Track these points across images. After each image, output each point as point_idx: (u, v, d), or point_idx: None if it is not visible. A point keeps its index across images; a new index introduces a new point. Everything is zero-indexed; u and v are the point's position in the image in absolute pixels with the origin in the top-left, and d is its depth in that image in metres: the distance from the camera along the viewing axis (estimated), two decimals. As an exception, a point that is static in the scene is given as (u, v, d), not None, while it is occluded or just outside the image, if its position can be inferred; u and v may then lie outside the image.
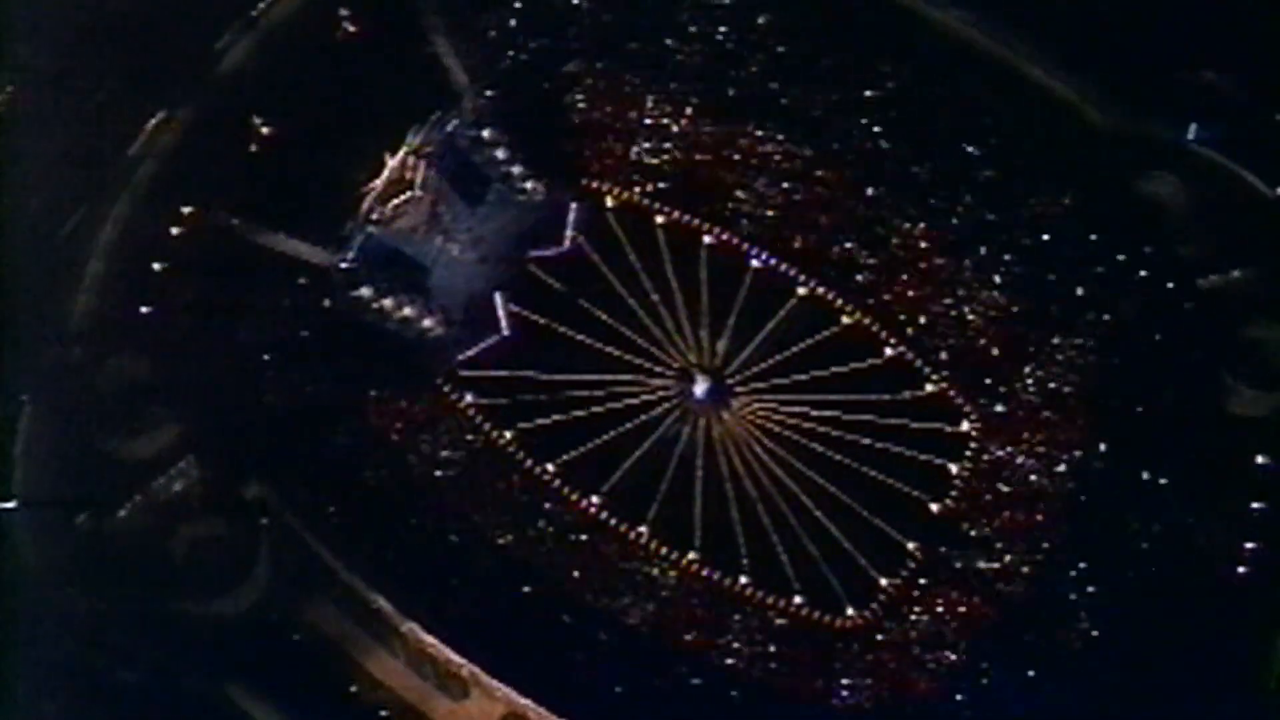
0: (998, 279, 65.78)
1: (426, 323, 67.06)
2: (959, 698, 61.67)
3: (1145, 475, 63.05)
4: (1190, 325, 63.89)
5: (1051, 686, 61.07)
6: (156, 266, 66.55)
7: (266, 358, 66.38)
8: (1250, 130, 64.94)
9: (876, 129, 67.27)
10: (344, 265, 66.21)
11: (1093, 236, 65.14)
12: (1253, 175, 64.35)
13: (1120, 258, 64.80)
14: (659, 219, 68.37)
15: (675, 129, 68.69)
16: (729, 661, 63.33)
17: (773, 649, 63.44)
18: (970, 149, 66.49)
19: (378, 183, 66.69)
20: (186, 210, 66.97)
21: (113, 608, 61.57)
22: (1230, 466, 62.49)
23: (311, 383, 66.38)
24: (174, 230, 66.90)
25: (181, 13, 68.62)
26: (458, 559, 64.70)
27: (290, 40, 69.42)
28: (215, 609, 62.02)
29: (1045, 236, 65.57)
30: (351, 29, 69.08)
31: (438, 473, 66.01)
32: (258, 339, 66.46)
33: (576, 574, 64.75)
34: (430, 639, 61.69)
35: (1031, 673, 61.31)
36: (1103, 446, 63.98)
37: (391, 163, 66.68)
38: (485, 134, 68.02)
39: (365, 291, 66.11)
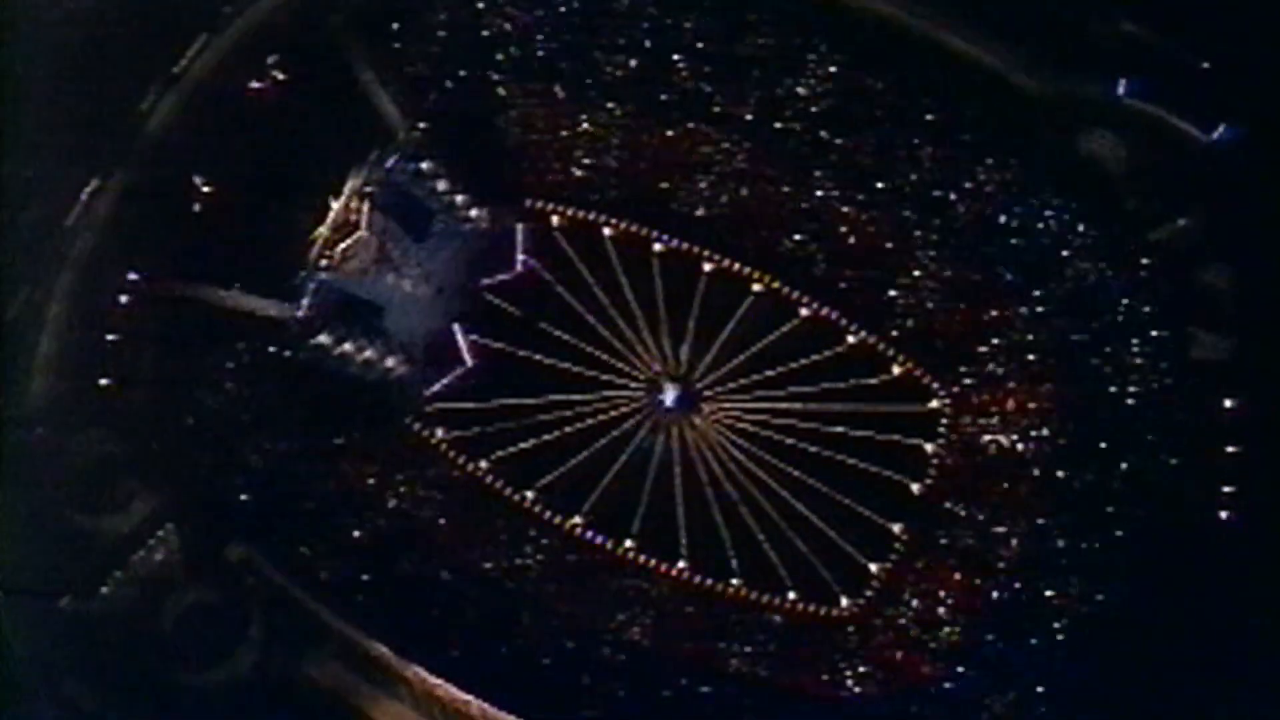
0: (951, 254, 65.91)
1: (389, 363, 66.61)
2: (962, 675, 62.45)
3: (1119, 431, 63.73)
4: (1146, 278, 64.36)
5: (1050, 651, 62.04)
6: (110, 338, 65.96)
7: (233, 417, 65.86)
8: (1178, 78, 65.25)
9: (813, 119, 66.93)
10: (300, 315, 65.63)
11: (1040, 201, 65.16)
12: (1186, 123, 64.81)
13: (1069, 219, 64.92)
14: (607, 231, 68.04)
15: (612, 140, 68.25)
16: (734, 666, 63.85)
17: (774, 648, 63.99)
18: (908, 129, 66.28)
19: (324, 228, 66.05)
20: (133, 277, 66.33)
21: (109, 688, 61.54)
22: (1200, 413, 63.25)
23: (281, 437, 65.71)
24: (122, 299, 66.22)
25: (102, 76, 67.58)
26: (452, 596, 64.56)
27: (218, 93, 68.31)
28: (213, 676, 61.87)
29: (993, 207, 65.57)
30: (280, 76, 68.16)
31: (419, 512, 65.78)
32: (222, 399, 65.94)
33: (571, 596, 64.90)
34: (436, 680, 61.77)
35: (1031, 640, 62.23)
36: (1074, 408, 64.45)
37: (335, 206, 66.12)
38: (424, 167, 67.36)
39: (324, 339, 65.68)
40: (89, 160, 67.42)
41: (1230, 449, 62.21)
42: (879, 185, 66.45)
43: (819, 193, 66.92)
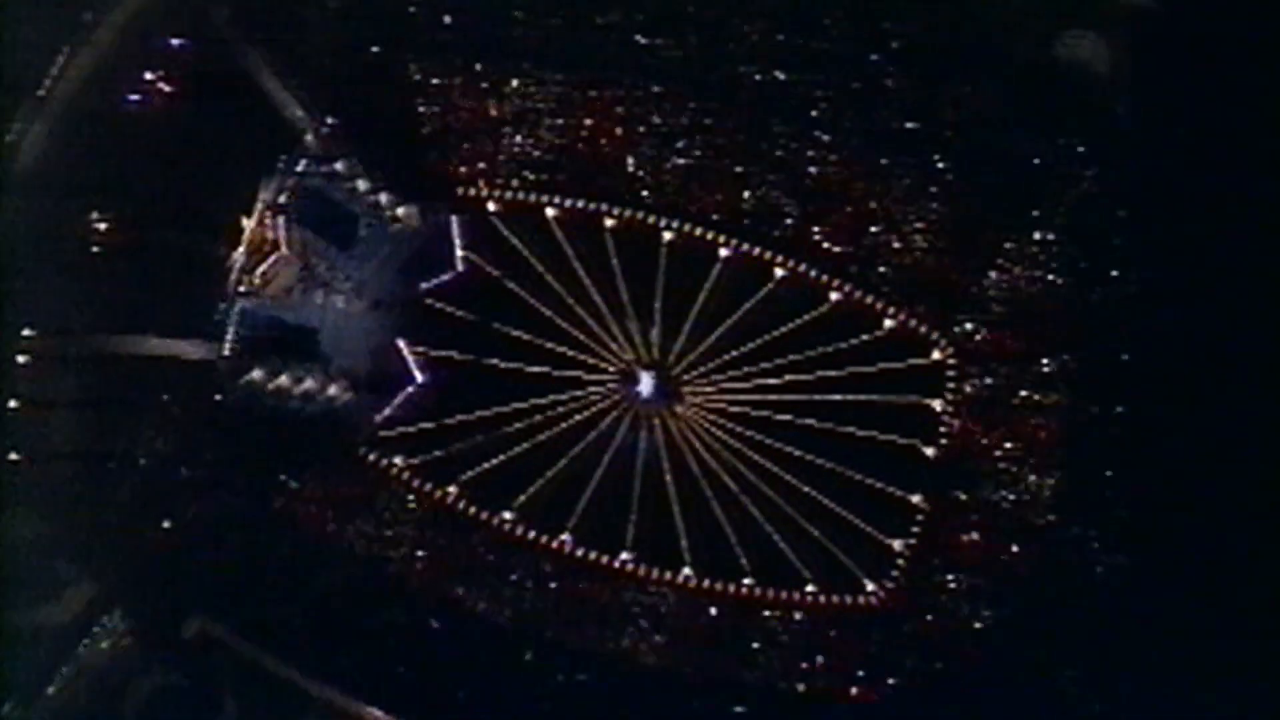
0: (933, 189, 60.47)
1: (331, 391, 60.85)
2: (1015, 653, 57.99)
3: (1142, 360, 58.94)
4: (1147, 190, 59.33)
5: (1108, 615, 57.51)
6: (13, 404, 59.56)
7: (168, 477, 60.04)
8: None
9: (763, 62, 61.32)
10: (226, 353, 59.82)
11: (1025, 119, 59.99)
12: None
13: (1060, 138, 59.64)
14: (550, 212, 62.41)
15: (545, 111, 62.38)
16: (762, 676, 59.34)
17: (801, 650, 59.39)
18: (869, 59, 60.71)
19: (239, 252, 60.12)
20: (29, 334, 59.90)
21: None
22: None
23: (225, 491, 60.19)
24: (20, 360, 59.86)
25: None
26: (443, 642, 60.09)
27: (93, 113, 61.72)
28: (193, 765, 57.08)
29: (975, 132, 60.15)
30: (167, 89, 61.78)
31: (390, 552, 60.74)
32: (153, 459, 60.05)
33: (573, 623, 60.30)
34: (439, 735, 57.51)
35: (1085, 603, 57.93)
36: (1087, 340, 59.61)
37: (249, 225, 60.13)
38: (339, 167, 61.60)
39: (256, 374, 60.00)
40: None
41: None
42: (846, 124, 60.99)
43: (779, 139, 61.36)
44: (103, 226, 61.07)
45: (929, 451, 60.12)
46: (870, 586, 59.56)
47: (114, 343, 60.10)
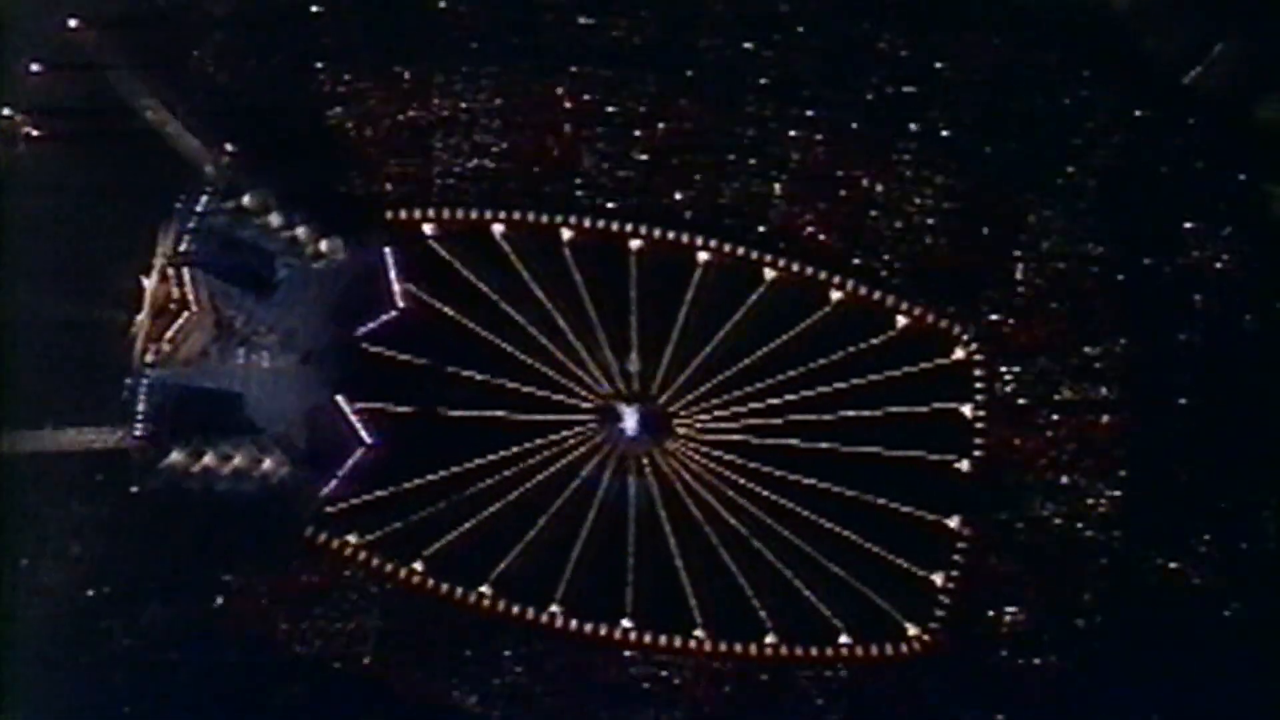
0: (939, 161, 54.07)
1: (266, 465, 54.51)
2: (1086, 695, 52.28)
3: (1201, 342, 52.75)
4: (1191, 138, 52.66)
5: (1189, 648, 51.59)
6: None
7: (86, 591, 53.78)
8: None
9: (728, 31, 54.55)
10: (138, 435, 53.08)
11: (1040, 69, 53.39)
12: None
13: (1081, 83, 53.15)
14: (498, 229, 55.98)
15: (479, 111, 55.60)
16: None
17: (840, 712, 53.67)
18: (853, 17, 53.86)
19: (141, 316, 53.29)
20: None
21: None
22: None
23: (155, 600, 53.80)
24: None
25: None
26: None
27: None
28: None
29: (984, 91, 53.66)
30: (35, 133, 54.66)
31: (355, 648, 54.46)
32: (66, 573, 53.70)
33: (578, 710, 54.47)
34: None
35: (1161, 635, 51.84)
36: (1137, 320, 53.17)
37: (149, 284, 53.28)
38: (246, 201, 54.54)
39: (176, 456, 53.55)
40: None
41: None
42: (830, 95, 54.39)
43: (755, 120, 54.87)
44: (-25, 301, 54.46)
45: (963, 466, 54.00)
46: (912, 630, 53.47)
47: (2, 442, 53.41)
